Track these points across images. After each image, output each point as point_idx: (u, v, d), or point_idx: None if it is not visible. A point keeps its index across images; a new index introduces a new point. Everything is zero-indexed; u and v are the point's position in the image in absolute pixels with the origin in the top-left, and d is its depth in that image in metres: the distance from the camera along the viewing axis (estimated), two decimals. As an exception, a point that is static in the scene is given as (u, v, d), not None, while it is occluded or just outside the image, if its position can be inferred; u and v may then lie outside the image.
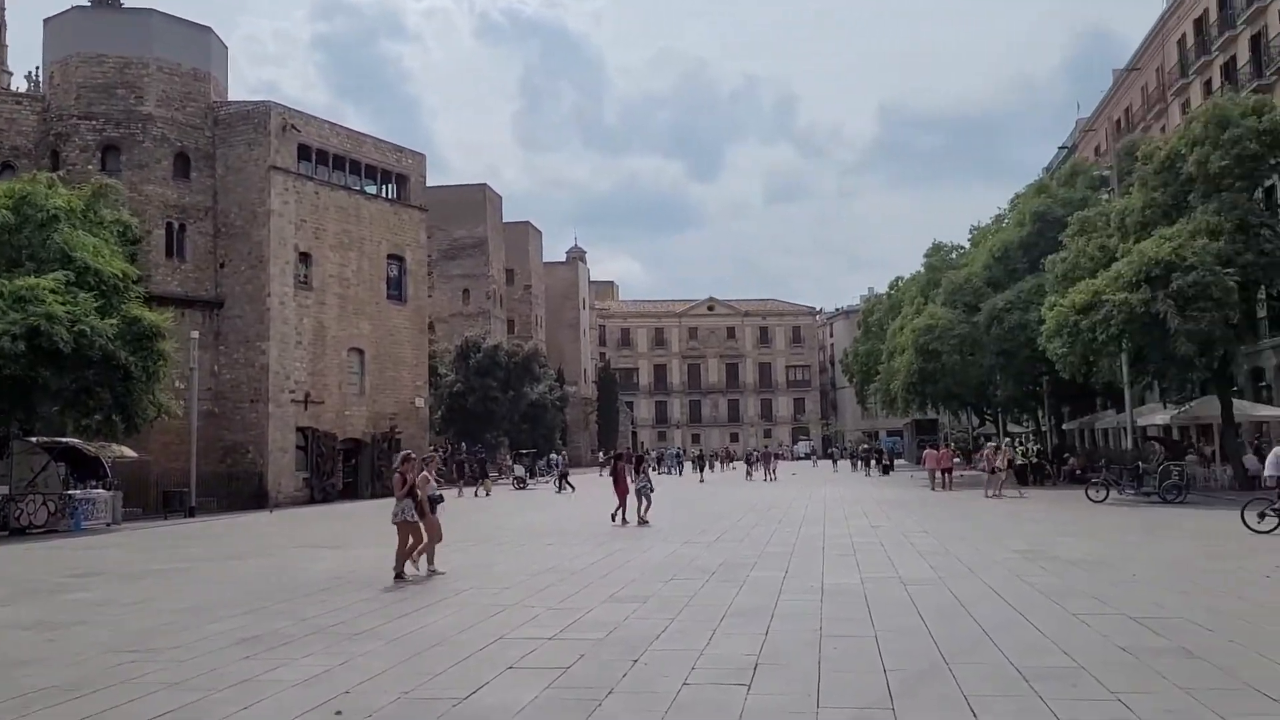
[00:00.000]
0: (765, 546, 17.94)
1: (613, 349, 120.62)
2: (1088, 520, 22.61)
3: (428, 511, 14.70)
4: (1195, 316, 27.27)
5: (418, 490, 14.51)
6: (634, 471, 24.66)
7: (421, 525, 14.60)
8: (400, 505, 14.36)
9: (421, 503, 14.54)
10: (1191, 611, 10.40)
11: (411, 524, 14.41)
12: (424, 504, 14.57)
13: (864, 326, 73.26)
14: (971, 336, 41.14)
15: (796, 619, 10.50)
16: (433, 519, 14.83)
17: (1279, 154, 29.47)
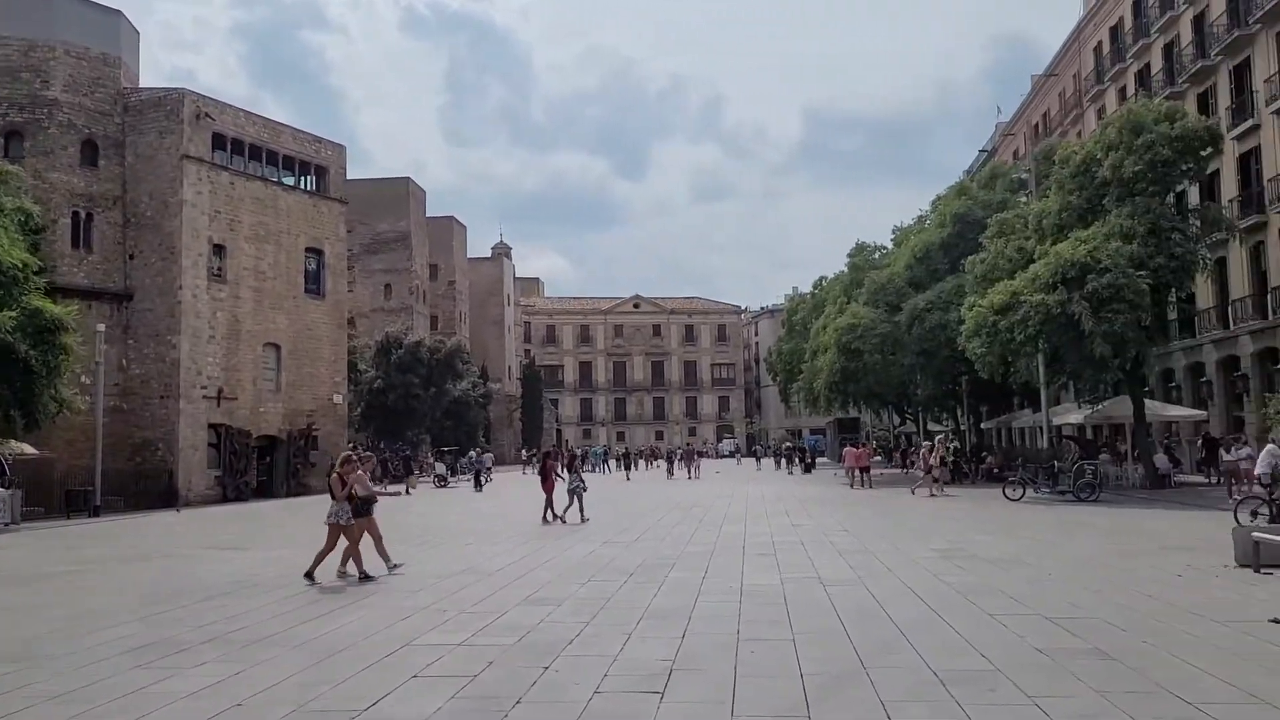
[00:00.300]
0: (686, 546, 17.74)
1: (538, 346, 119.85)
2: (1005, 519, 22.86)
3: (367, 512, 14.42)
4: (1109, 318, 27.80)
5: (356, 492, 14.13)
6: (568, 470, 24.49)
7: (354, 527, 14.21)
8: (337, 507, 13.97)
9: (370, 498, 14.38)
10: (1105, 611, 10.43)
11: (345, 527, 14.00)
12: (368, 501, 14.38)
13: (788, 325, 73.68)
14: (893, 336, 41.57)
15: (714, 621, 10.28)
16: (370, 520, 14.47)
17: (1190, 160, 30.19)
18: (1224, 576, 12.86)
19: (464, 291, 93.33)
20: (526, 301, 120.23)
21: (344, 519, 13.98)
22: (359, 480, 14.29)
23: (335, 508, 14.01)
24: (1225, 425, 37.35)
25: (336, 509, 13.99)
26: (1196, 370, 40.76)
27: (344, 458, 14.92)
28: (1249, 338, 36.24)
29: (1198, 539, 17.42)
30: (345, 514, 13.97)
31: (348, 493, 14.02)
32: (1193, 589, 11.86)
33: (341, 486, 14.05)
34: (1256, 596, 11.26)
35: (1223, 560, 14.08)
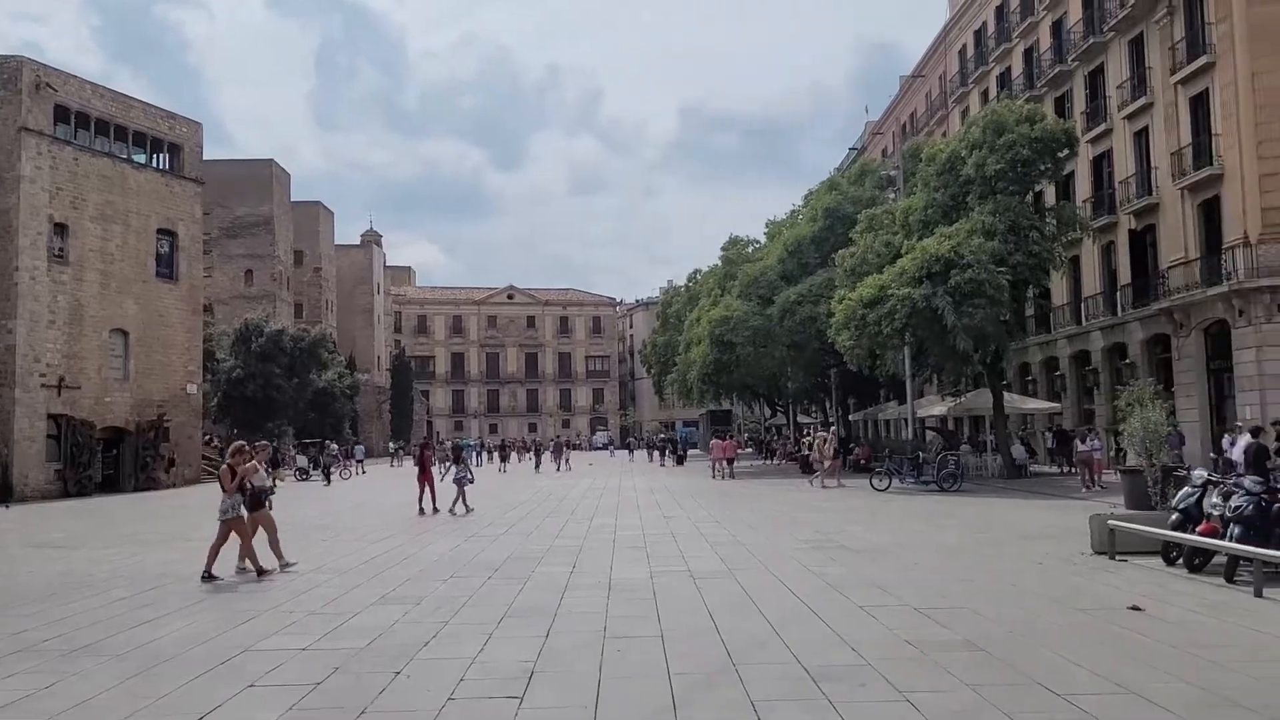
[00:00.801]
0: (555, 540, 17.25)
1: (409, 336, 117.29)
2: (872, 509, 23.09)
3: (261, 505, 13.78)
4: (970, 312, 28.49)
5: (248, 484, 13.44)
6: (453, 462, 24.22)
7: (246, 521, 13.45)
8: (229, 501, 13.23)
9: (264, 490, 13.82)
10: (973, 601, 10.40)
11: (236, 521, 13.27)
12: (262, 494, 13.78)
13: (663, 318, 73.91)
14: (765, 328, 41.88)
15: (580, 619, 9.83)
16: (265, 514, 13.78)
17: (1048, 160, 31.20)
18: (1082, 564, 13.09)
19: (331, 279, 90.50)
20: (397, 291, 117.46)
21: (235, 512, 13.25)
22: (251, 471, 13.60)
23: (227, 501, 13.26)
24: (1077, 418, 38.85)
25: (230, 503, 13.24)
26: (1051, 364, 42.28)
27: (235, 448, 14.11)
28: (1099, 333, 37.74)
29: (1055, 527, 17.83)
30: (238, 507, 13.25)
31: (238, 484, 13.28)
32: (1054, 577, 11.99)
33: (231, 478, 13.30)
34: (1114, 583, 11.43)
35: (1079, 548, 14.36)
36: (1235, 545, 10.96)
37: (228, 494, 13.28)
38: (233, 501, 13.24)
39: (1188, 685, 6.93)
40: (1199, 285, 30.50)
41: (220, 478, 13.60)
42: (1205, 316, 30.88)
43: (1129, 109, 34.99)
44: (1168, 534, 12.38)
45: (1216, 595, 10.55)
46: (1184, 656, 7.78)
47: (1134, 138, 35.28)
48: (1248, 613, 9.55)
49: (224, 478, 13.42)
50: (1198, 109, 31.40)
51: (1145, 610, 9.67)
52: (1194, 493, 12.75)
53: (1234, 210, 29.36)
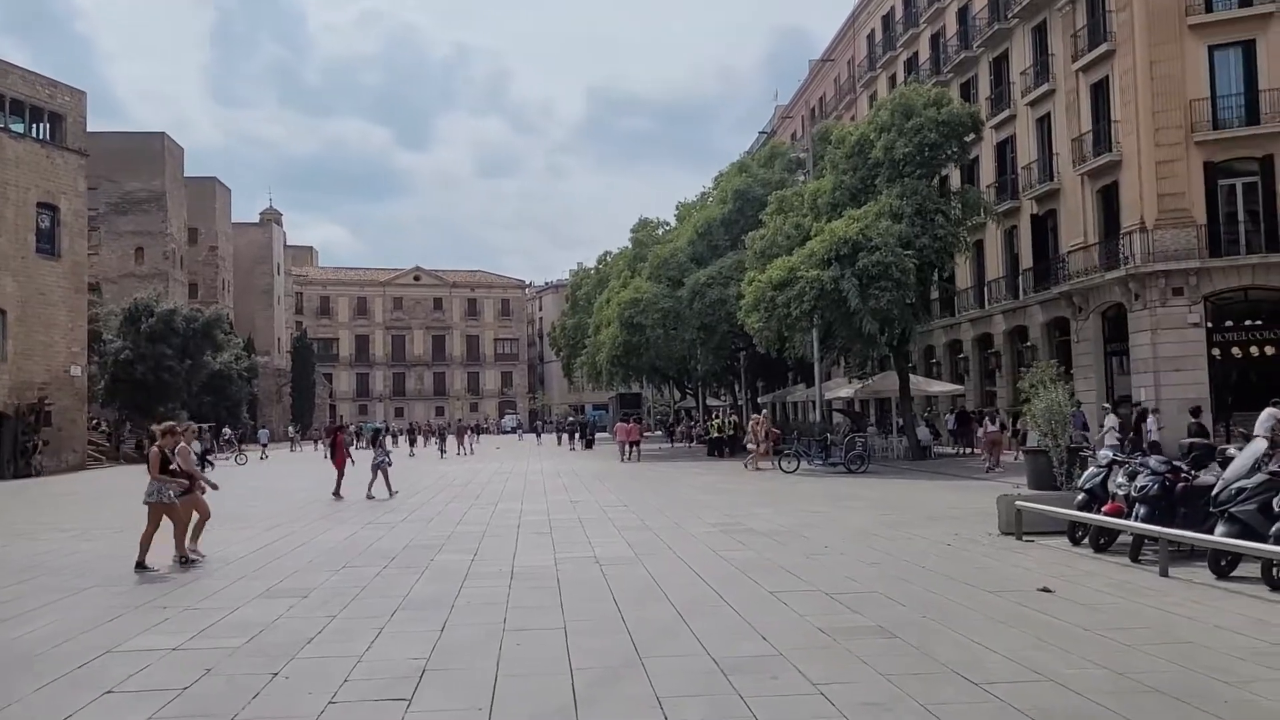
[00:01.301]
0: (457, 526, 16.65)
1: (311, 318, 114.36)
2: (780, 491, 22.97)
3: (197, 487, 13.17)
4: (877, 295, 28.60)
5: (179, 466, 12.79)
6: (371, 445, 23.80)
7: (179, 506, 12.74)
8: (156, 485, 12.46)
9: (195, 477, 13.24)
10: (883, 584, 10.17)
11: (167, 506, 12.50)
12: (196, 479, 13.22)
13: (572, 300, 73.17)
14: (675, 310, 41.62)
15: (479, 610, 9.31)
16: (198, 497, 13.10)
17: (955, 144, 31.47)
18: (990, 545, 13.02)
19: (227, 258, 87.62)
20: (299, 271, 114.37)
21: (166, 497, 12.49)
22: (182, 455, 12.98)
23: (154, 485, 12.48)
24: (980, 399, 39.53)
25: (156, 486, 12.46)
26: (955, 347, 42.97)
27: (166, 428, 13.22)
28: (1001, 317, 38.42)
29: (961, 508, 17.87)
30: (166, 491, 12.50)
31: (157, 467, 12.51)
32: (963, 559, 11.87)
33: (160, 460, 12.52)
34: (1023, 564, 11.35)
35: (986, 528, 14.34)
36: (1141, 525, 10.95)
37: (155, 477, 12.52)
38: (162, 485, 12.49)
39: (1104, 671, 6.74)
40: (1097, 269, 31.14)
41: (149, 460, 12.82)
42: (1103, 300, 31.56)
43: (1032, 95, 35.55)
44: (1074, 514, 12.37)
45: (1123, 575, 10.52)
46: (1097, 639, 7.62)
47: (1036, 124, 35.88)
48: (1155, 593, 9.50)
49: (153, 461, 12.63)
50: (1098, 96, 32.01)
51: (1055, 592, 9.56)
52: (1099, 473, 12.77)
53: (1131, 196, 30.00)
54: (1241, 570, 10.15)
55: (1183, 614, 8.50)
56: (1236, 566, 10.13)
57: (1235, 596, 9.24)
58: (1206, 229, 28.84)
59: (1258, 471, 10.16)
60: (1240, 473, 10.20)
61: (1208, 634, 7.75)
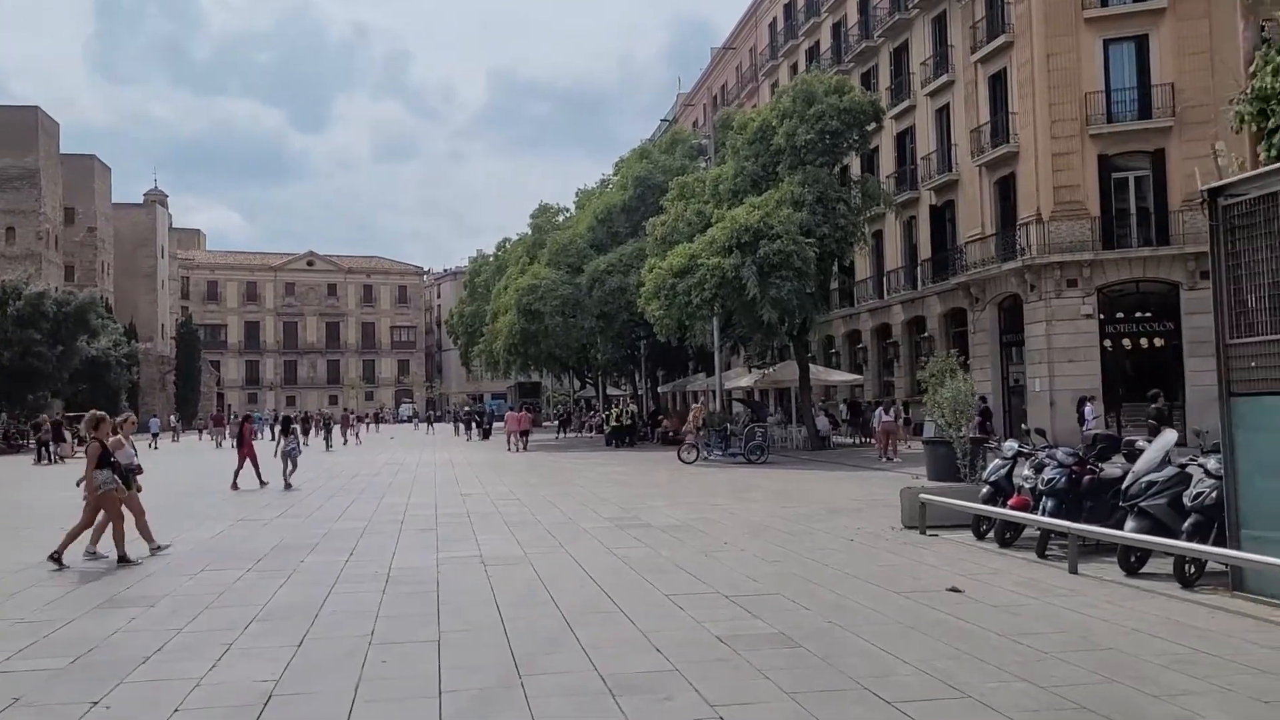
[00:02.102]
0: (335, 523, 15.57)
1: (198, 303, 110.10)
2: (679, 483, 22.39)
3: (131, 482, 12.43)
4: (777, 284, 28.24)
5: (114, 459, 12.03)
6: (282, 434, 24.08)
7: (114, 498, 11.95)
8: (99, 476, 11.73)
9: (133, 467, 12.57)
10: (785, 585, 9.56)
11: (107, 497, 11.80)
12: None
13: (470, 287, 71.70)
14: (574, 298, 40.80)
15: (345, 621, 8.39)
16: (132, 494, 12.35)
17: (856, 133, 31.29)
18: (894, 539, 12.58)
19: (107, 240, 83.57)
20: (185, 255, 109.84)
21: (110, 486, 11.78)
22: (117, 446, 12.33)
23: (99, 477, 11.74)
24: (878, 389, 39.69)
25: (99, 478, 11.73)
26: (854, 337, 43.12)
27: (96, 418, 12.38)
28: (900, 307, 38.59)
29: (861, 500, 17.52)
30: (111, 482, 11.78)
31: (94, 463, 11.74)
32: (867, 556, 11.36)
33: (100, 452, 11.78)
34: (928, 561, 10.88)
35: (889, 522, 13.93)
36: (1050, 520, 10.58)
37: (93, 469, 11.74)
38: (104, 477, 11.73)
39: (1026, 684, 6.19)
40: (994, 261, 31.35)
41: (87, 455, 12.00)
42: (999, 291, 31.80)
43: (931, 86, 35.66)
44: (980, 508, 11.98)
45: (1032, 572, 10.11)
46: (1014, 647, 7.10)
47: (936, 115, 36.03)
48: (1067, 592, 9.07)
49: (91, 456, 11.81)
50: (996, 87, 32.22)
51: (965, 592, 9.07)
52: (1005, 465, 12.42)
53: (1028, 188, 30.25)
54: (1152, 566, 9.82)
55: (1098, 616, 8.06)
56: (1146, 562, 9.81)
57: (1148, 596, 8.86)
58: (1100, 221, 29.22)
59: (1168, 464, 9.84)
60: (1150, 466, 9.87)
61: (1127, 639, 7.30)
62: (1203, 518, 9.13)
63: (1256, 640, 7.18)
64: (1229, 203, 8.65)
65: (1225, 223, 8.66)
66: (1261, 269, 8.32)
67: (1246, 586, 8.50)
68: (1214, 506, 9.02)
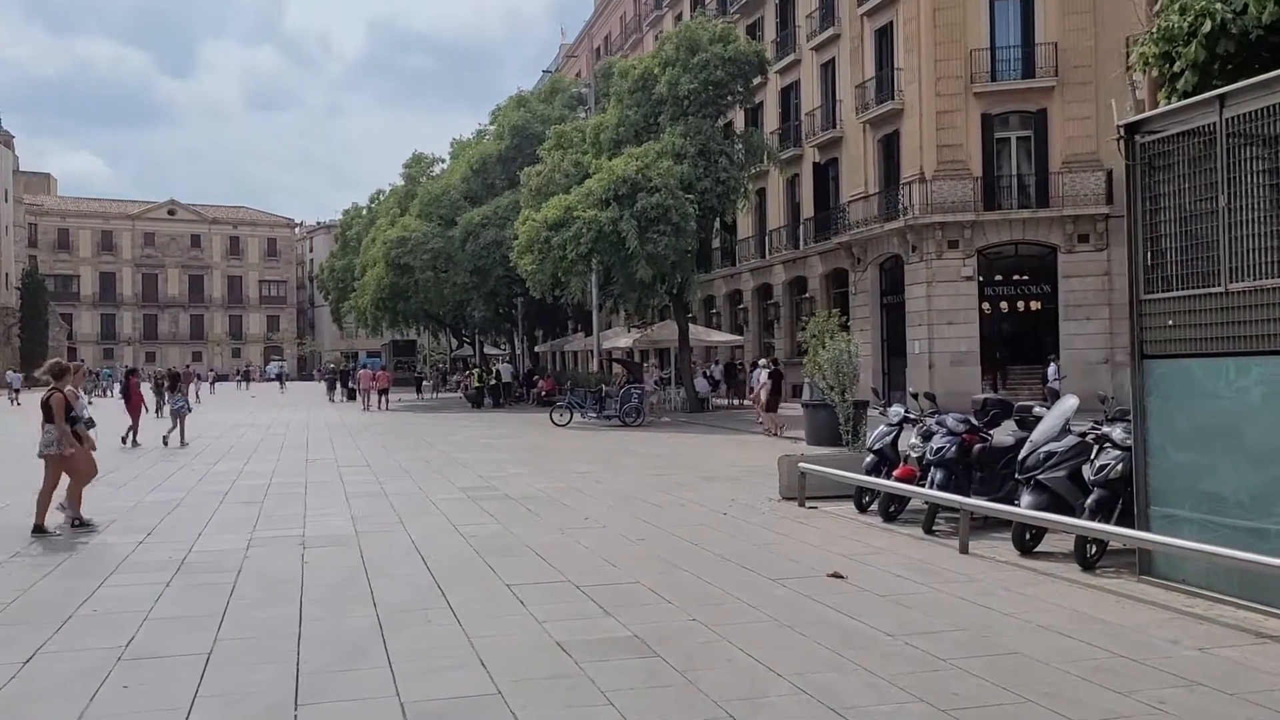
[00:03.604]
0: (149, 494, 13.74)
1: (47, 252, 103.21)
2: (547, 446, 21.07)
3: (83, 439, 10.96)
4: (655, 239, 27.01)
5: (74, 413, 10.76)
6: (170, 391, 22.91)
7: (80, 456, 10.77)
8: (56, 432, 10.43)
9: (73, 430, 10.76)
10: (647, 570, 8.33)
11: (65, 458, 10.52)
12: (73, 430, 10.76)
13: (341, 241, 68.53)
14: (446, 252, 38.82)
15: (101, 624, 6.82)
16: (84, 450, 10.91)
17: (741, 83, 30.13)
18: (770, 512, 11.51)
19: (-58, 181, 77.17)
20: (33, 200, 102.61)
21: (63, 448, 10.47)
22: (73, 397, 10.89)
23: (53, 433, 10.46)
24: (758, 350, 38.98)
25: (55, 434, 10.44)
26: (735, 297, 42.31)
27: (58, 366, 11.09)
28: (782, 267, 37.86)
29: (738, 465, 16.53)
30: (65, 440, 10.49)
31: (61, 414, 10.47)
32: (741, 532, 10.23)
33: (64, 406, 10.51)
34: (808, 540, 9.80)
35: (765, 491, 12.90)
36: (941, 494, 9.60)
37: (55, 423, 10.43)
38: (61, 432, 10.44)
39: (924, 705, 5.07)
40: (877, 220, 30.73)
41: (52, 406, 10.49)
42: (881, 251, 31.25)
43: (817, 39, 34.76)
44: (864, 479, 10.96)
45: (920, 552, 9.10)
46: (906, 652, 5.99)
47: (821, 69, 35.17)
48: (960, 577, 8.05)
49: (56, 406, 10.45)
50: (883, 42, 31.46)
51: (848, 578, 7.98)
52: (890, 432, 11.43)
53: (911, 145, 29.63)
54: (1048, 544, 8.93)
55: (997, 608, 7.04)
56: (1042, 540, 8.91)
57: (1048, 580, 7.90)
58: (982, 182, 28.81)
59: (1068, 434, 8.93)
60: (1050, 434, 8.93)
61: (1033, 639, 6.27)
62: (1107, 493, 8.23)
63: (1177, 639, 6.24)
64: (1147, 140, 7.66)
65: (1142, 162, 7.67)
66: (1182, 215, 7.36)
67: (1155, 571, 7.61)
68: (1119, 480, 8.12)
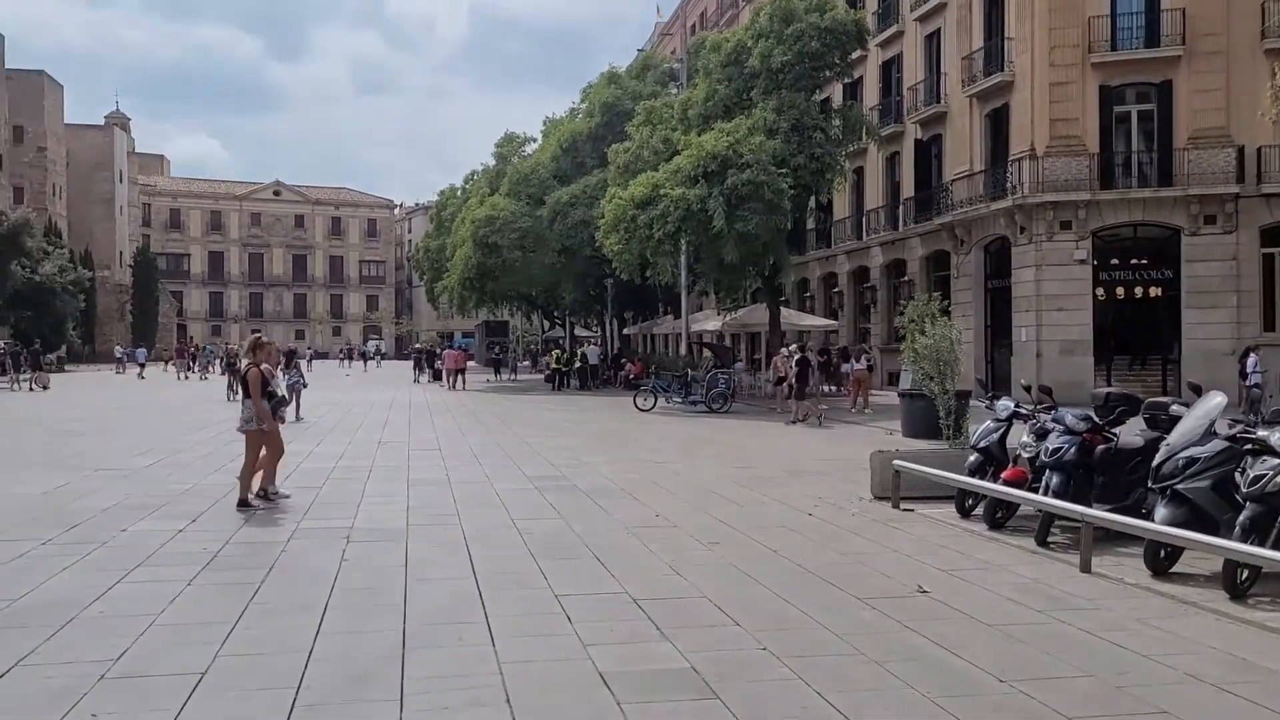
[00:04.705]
0: (207, 476, 13.24)
1: (160, 232, 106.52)
2: (627, 433, 20.19)
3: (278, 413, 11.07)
4: (745, 217, 25.85)
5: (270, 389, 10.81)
6: (285, 368, 22.46)
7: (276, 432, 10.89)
8: (255, 407, 10.53)
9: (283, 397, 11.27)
10: (715, 583, 7.34)
11: (265, 433, 10.64)
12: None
13: (436, 221, 68.76)
14: (534, 231, 38.18)
15: (102, 633, 6.12)
16: (275, 426, 10.89)
17: (837, 55, 28.70)
18: (861, 514, 10.42)
19: (59, 161, 79.81)
20: (146, 180, 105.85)
21: (264, 423, 10.54)
22: (269, 374, 10.95)
23: (251, 409, 10.57)
24: (854, 336, 37.51)
25: (254, 411, 10.54)
26: (830, 280, 40.83)
27: (257, 342, 11.26)
28: (880, 249, 36.28)
29: (827, 458, 15.40)
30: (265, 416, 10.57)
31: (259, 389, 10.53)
32: (827, 538, 9.17)
33: (261, 381, 10.59)
34: (902, 548, 8.69)
35: (856, 489, 11.80)
36: (1058, 502, 8.38)
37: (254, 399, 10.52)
38: (260, 407, 10.52)
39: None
40: (982, 199, 29.03)
41: (250, 382, 10.61)
42: (986, 232, 29.55)
43: (922, 9, 33.01)
44: (966, 481, 9.77)
45: (1033, 569, 7.91)
46: (1026, 704, 4.88)
47: (925, 41, 33.43)
48: (1084, 603, 6.86)
49: (253, 381, 10.56)
50: (992, 11, 29.64)
51: (931, 593, 6.89)
52: (998, 428, 10.20)
53: (1022, 120, 27.86)
54: (1184, 563, 7.69)
55: (1132, 648, 5.85)
56: (1178, 559, 7.66)
57: (1191, 612, 6.67)
58: (1099, 159, 26.89)
59: (1213, 436, 7.64)
60: (1191, 437, 7.66)
61: (1181, 692, 5.10)
62: (1262, 509, 6.97)
63: (1365, 698, 5.02)
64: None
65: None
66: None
67: (1325, 605, 6.35)
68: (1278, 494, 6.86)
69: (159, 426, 21.02)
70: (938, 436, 13.75)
